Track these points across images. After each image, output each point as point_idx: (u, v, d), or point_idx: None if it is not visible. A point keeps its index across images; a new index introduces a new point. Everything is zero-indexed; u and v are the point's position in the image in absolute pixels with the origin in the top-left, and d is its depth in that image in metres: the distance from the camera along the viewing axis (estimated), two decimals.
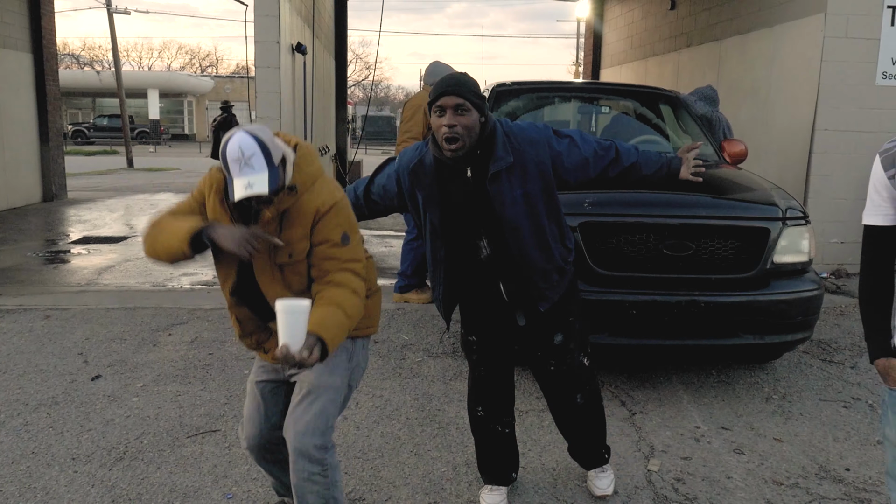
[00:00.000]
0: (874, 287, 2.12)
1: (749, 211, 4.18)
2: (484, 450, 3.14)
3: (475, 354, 3.01)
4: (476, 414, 3.09)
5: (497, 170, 2.61)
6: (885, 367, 2.07)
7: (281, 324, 2.13)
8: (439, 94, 2.53)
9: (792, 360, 5.00)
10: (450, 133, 2.52)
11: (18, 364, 4.60)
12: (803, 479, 3.42)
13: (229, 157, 2.19)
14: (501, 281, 2.81)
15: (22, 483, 3.20)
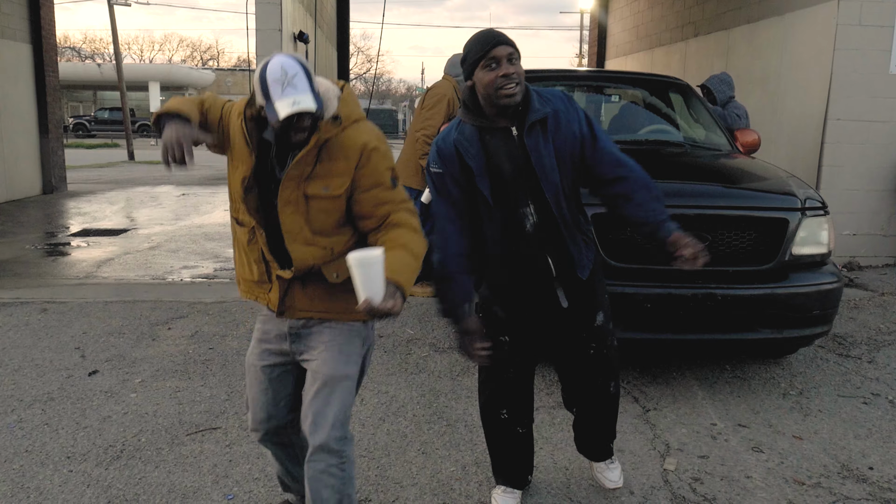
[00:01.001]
0: None
1: (767, 201, 4.05)
2: (502, 452, 2.99)
3: (506, 355, 2.82)
4: (499, 417, 2.91)
5: (534, 119, 2.56)
6: None
7: (358, 278, 2.03)
8: (491, 45, 2.49)
9: (808, 354, 4.87)
10: (508, 82, 2.47)
11: (13, 359, 4.48)
12: (825, 479, 3.29)
13: (270, 77, 2.07)
14: (549, 253, 2.67)
15: (14, 482, 3.08)
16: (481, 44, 2.51)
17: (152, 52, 65.44)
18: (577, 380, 2.98)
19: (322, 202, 2.26)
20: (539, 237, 2.66)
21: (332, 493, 2.33)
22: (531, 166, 2.58)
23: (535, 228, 2.65)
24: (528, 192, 2.61)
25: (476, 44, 2.53)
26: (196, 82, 47.31)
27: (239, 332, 5.05)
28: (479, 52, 2.51)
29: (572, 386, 3.03)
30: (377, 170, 2.27)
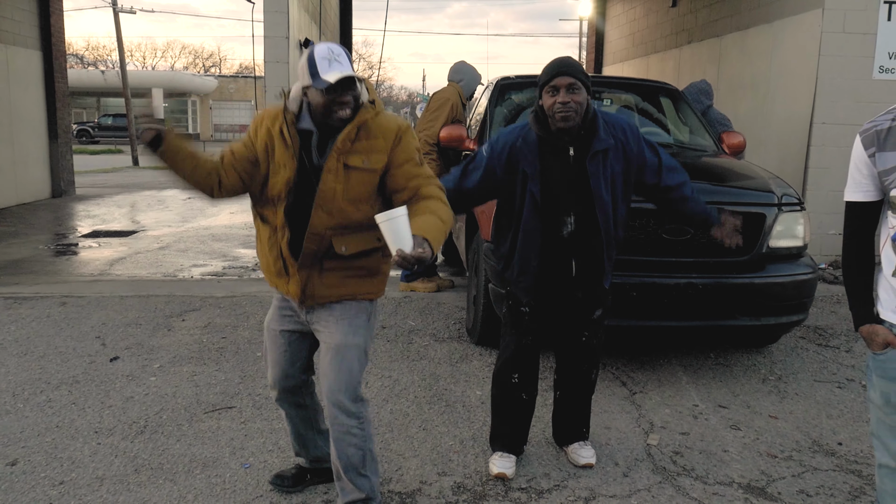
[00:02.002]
0: (857, 259, 2.26)
1: (746, 197, 4.32)
2: (505, 417, 3.31)
3: (525, 324, 3.18)
4: (511, 381, 3.25)
5: (599, 149, 2.93)
6: (870, 332, 2.21)
7: (387, 233, 2.27)
8: (554, 74, 2.86)
9: (788, 344, 5.13)
10: (563, 110, 2.84)
11: (38, 346, 4.75)
12: (797, 453, 3.56)
13: (318, 55, 2.41)
14: (574, 258, 3.06)
15: (48, 453, 3.35)
16: (548, 71, 2.91)
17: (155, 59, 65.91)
18: (565, 363, 3.35)
19: (361, 174, 2.53)
20: (571, 243, 3.06)
21: (355, 450, 2.65)
22: (583, 185, 2.96)
23: (570, 236, 3.05)
24: (573, 205, 3.00)
25: (546, 70, 2.93)
26: (199, 89, 47.68)
27: (249, 323, 5.32)
28: (544, 78, 2.91)
29: (561, 368, 3.38)
30: (409, 148, 2.58)
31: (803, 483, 3.27)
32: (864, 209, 2.22)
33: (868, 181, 2.18)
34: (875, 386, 2.24)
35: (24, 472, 3.18)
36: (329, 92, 2.43)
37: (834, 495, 3.17)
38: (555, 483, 3.21)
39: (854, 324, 2.27)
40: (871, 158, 2.14)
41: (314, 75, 2.42)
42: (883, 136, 2.13)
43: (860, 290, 2.26)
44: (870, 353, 2.24)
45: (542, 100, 2.94)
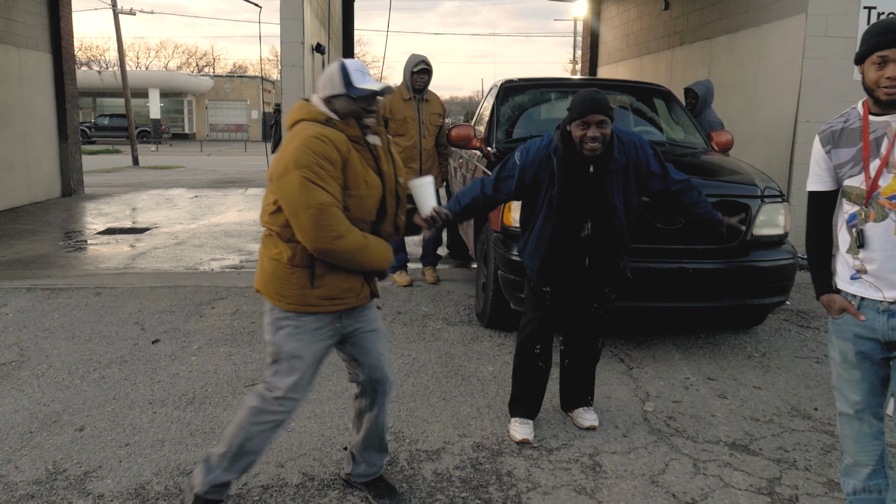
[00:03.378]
0: (818, 240, 2.71)
1: (732, 190, 4.75)
2: (525, 385, 3.74)
3: (547, 301, 3.63)
4: (534, 351, 3.69)
5: (613, 168, 3.38)
6: (828, 300, 2.65)
7: (423, 195, 2.91)
8: (587, 111, 3.21)
9: (773, 325, 5.58)
10: (592, 142, 3.26)
11: (83, 331, 5.16)
12: (777, 417, 3.99)
13: (352, 67, 2.69)
14: (588, 256, 3.53)
15: (111, 421, 3.76)
16: (581, 107, 3.24)
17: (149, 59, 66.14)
18: (574, 333, 3.80)
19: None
20: (586, 244, 3.52)
21: None
22: (601, 198, 3.44)
23: (587, 238, 3.50)
24: (591, 213, 3.48)
25: (579, 104, 3.26)
26: (195, 88, 47.96)
27: None
28: (576, 114, 3.26)
29: (570, 338, 3.82)
30: None
31: (782, 441, 3.70)
32: (823, 197, 2.67)
33: (826, 173, 2.62)
34: (834, 346, 2.69)
35: (93, 436, 3.59)
36: (364, 100, 2.67)
37: (808, 451, 3.60)
38: (562, 442, 3.64)
39: (816, 294, 2.71)
40: (828, 154, 2.59)
41: (348, 84, 2.64)
42: (837, 136, 2.58)
43: (820, 265, 2.71)
44: (829, 318, 2.68)
45: (570, 126, 3.31)
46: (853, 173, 2.57)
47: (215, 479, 2.83)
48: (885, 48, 2.41)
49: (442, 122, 6.63)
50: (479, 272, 5.62)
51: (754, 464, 3.46)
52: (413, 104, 6.38)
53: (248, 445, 2.80)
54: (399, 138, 6.28)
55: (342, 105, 2.68)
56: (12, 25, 12.05)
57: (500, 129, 6.03)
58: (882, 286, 2.52)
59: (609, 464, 3.43)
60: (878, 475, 2.75)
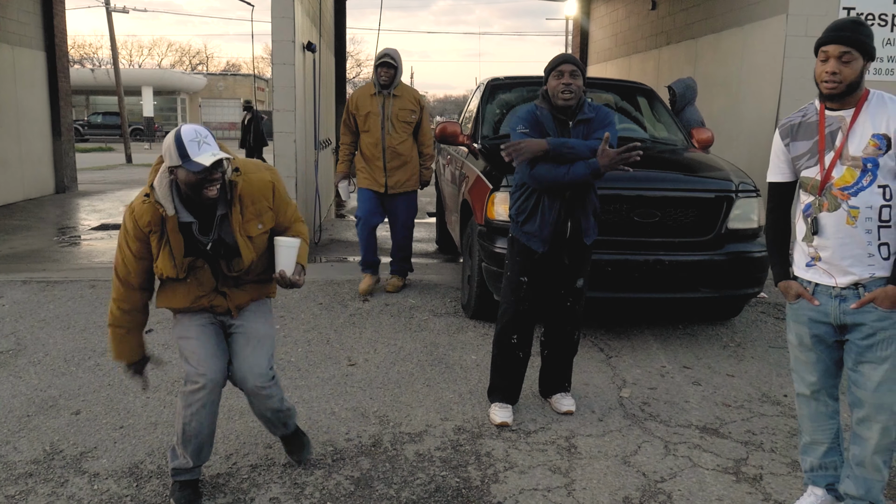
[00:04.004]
0: (776, 229, 2.89)
1: (707, 185, 4.92)
2: (503, 373, 3.89)
3: (523, 292, 3.78)
4: (510, 341, 3.84)
5: (581, 118, 3.65)
6: (786, 286, 2.82)
7: (281, 255, 2.90)
8: (560, 62, 3.60)
9: (749, 318, 5.75)
10: (566, 90, 3.55)
11: (78, 322, 5.29)
12: (748, 403, 4.16)
13: (186, 138, 2.62)
14: (571, 219, 3.68)
15: (106, 405, 3.90)
16: (555, 60, 3.65)
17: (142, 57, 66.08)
18: (552, 326, 3.96)
19: (262, 236, 2.95)
20: (569, 204, 3.66)
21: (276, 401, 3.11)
22: None
23: (570, 197, 3.65)
24: None
25: (553, 59, 3.68)
26: (188, 87, 48.01)
27: None
28: (552, 65, 3.63)
29: (548, 329, 3.98)
30: (283, 193, 3.02)
31: (750, 425, 3.86)
32: (782, 188, 2.84)
33: (785, 165, 2.79)
34: (791, 329, 2.86)
35: (88, 420, 3.74)
36: (201, 173, 2.62)
37: (775, 434, 3.77)
38: (540, 426, 3.80)
39: (774, 280, 2.88)
40: (787, 147, 2.75)
41: (184, 157, 2.60)
42: (795, 129, 2.74)
43: (778, 254, 2.89)
44: (787, 304, 2.84)
45: (547, 84, 3.64)
46: (809, 165, 2.73)
47: (178, 465, 3.03)
48: (827, 44, 2.60)
49: (417, 119, 6.16)
50: (465, 265, 5.78)
51: (722, 446, 3.62)
52: (378, 99, 6.02)
53: (188, 429, 2.95)
54: (365, 134, 6.08)
55: (182, 176, 2.66)
56: (6, 23, 12.15)
57: (485, 125, 6.19)
58: (834, 272, 2.68)
59: (584, 445, 3.59)
60: (833, 452, 2.93)
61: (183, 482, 3.02)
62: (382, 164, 6.07)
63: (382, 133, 6.03)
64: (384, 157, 6.06)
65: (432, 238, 9.32)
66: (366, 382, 4.28)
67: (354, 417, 3.83)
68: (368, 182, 6.15)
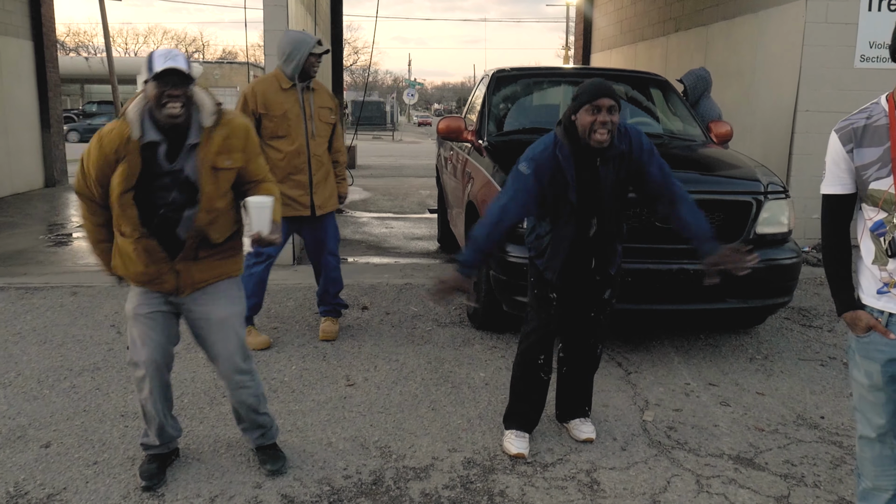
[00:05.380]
0: (837, 249, 2.45)
1: (734, 186, 4.54)
2: (524, 396, 3.55)
3: (553, 309, 3.44)
4: (537, 362, 3.49)
5: (611, 155, 3.18)
6: (853, 318, 2.38)
7: (255, 216, 2.81)
8: (598, 95, 3.03)
9: (774, 325, 5.39)
10: (603, 129, 3.04)
11: (56, 335, 4.93)
12: (782, 426, 3.80)
13: (156, 55, 2.70)
14: (595, 256, 3.37)
15: (80, 436, 3.54)
16: (591, 91, 3.05)
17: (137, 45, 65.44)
18: (573, 339, 3.61)
19: (228, 173, 2.91)
20: (594, 242, 3.35)
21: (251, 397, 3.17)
22: (605, 192, 3.25)
23: (594, 235, 3.33)
24: (597, 209, 3.29)
25: (588, 89, 3.07)
26: None
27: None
28: (586, 97, 3.05)
29: (569, 345, 3.63)
30: (256, 143, 3.03)
31: (788, 454, 3.51)
32: (842, 202, 2.41)
33: (847, 175, 2.36)
34: (858, 366, 2.43)
35: (59, 454, 3.38)
36: (160, 83, 2.67)
37: (817, 464, 3.42)
38: (558, 457, 3.44)
39: (837, 310, 2.45)
40: (850, 154, 2.34)
41: (150, 69, 2.69)
42: (860, 133, 2.31)
43: (841, 278, 2.44)
44: (853, 336, 2.42)
45: (576, 115, 3.10)
46: (880, 176, 2.33)
47: (146, 441, 3.20)
48: None
49: (335, 121, 4.92)
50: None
51: (760, 480, 3.27)
52: (296, 94, 4.62)
53: (146, 410, 3.12)
54: (279, 141, 4.59)
55: (149, 91, 2.71)
56: None
57: (491, 120, 5.80)
58: None
59: (607, 481, 3.24)
60: None
61: (152, 455, 3.20)
62: (308, 176, 4.67)
63: (306, 137, 4.65)
64: (310, 169, 4.68)
65: (433, 235, 8.95)
66: (366, 406, 3.93)
67: (353, 449, 3.48)
68: (285, 207, 4.53)
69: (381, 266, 7.21)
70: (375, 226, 9.70)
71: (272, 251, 4.64)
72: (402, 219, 10.42)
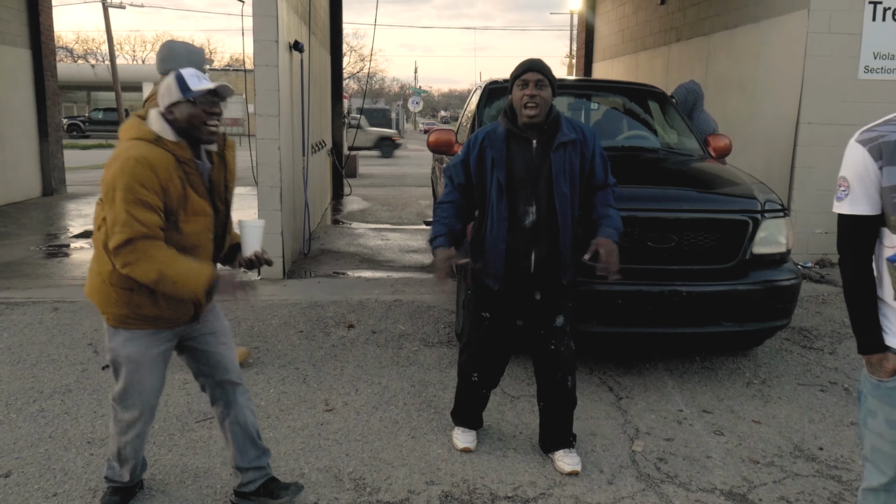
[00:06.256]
0: (861, 281, 2.12)
1: (729, 204, 4.38)
2: (466, 404, 3.63)
3: (485, 329, 3.40)
4: (471, 378, 3.52)
5: (563, 140, 3.19)
6: (880, 360, 2.09)
7: (251, 237, 2.76)
8: (524, 70, 3.15)
9: (773, 346, 5.21)
10: (531, 101, 3.11)
11: (31, 354, 4.79)
12: (778, 458, 3.63)
13: (188, 74, 2.61)
14: (535, 250, 3.23)
15: (42, 465, 3.39)
16: (519, 67, 3.19)
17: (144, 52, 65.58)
18: (540, 373, 3.49)
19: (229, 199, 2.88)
20: (532, 235, 3.24)
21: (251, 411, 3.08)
22: (544, 174, 3.18)
23: (532, 226, 3.22)
24: (534, 195, 3.20)
25: (518, 66, 3.21)
26: None
27: (240, 328, 5.36)
28: (516, 73, 3.19)
29: (539, 379, 3.52)
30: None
31: (784, 489, 3.34)
32: (868, 224, 2.08)
33: (876, 194, 2.04)
34: (878, 412, 2.12)
35: (18, 484, 3.23)
36: (203, 102, 2.60)
37: (814, 501, 3.24)
38: (540, 491, 3.27)
39: (860, 350, 2.14)
40: (880, 171, 2.02)
41: (185, 89, 2.59)
42: (890, 150, 2.02)
43: (867, 314, 2.13)
44: (870, 380, 2.14)
45: (512, 94, 3.21)
46: None
47: (113, 476, 3.04)
48: None
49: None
50: (460, 288, 5.25)
51: None
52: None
53: (123, 452, 2.96)
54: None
55: (182, 112, 2.61)
56: None
57: None
58: None
59: None
60: None
61: (115, 487, 3.06)
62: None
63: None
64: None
65: (428, 248, 8.79)
66: (343, 433, 3.77)
67: (326, 481, 3.32)
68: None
69: (372, 281, 7.06)
70: (371, 237, 9.55)
71: None
72: (399, 230, 10.26)
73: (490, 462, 3.51)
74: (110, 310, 2.74)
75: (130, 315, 2.72)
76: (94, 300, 2.79)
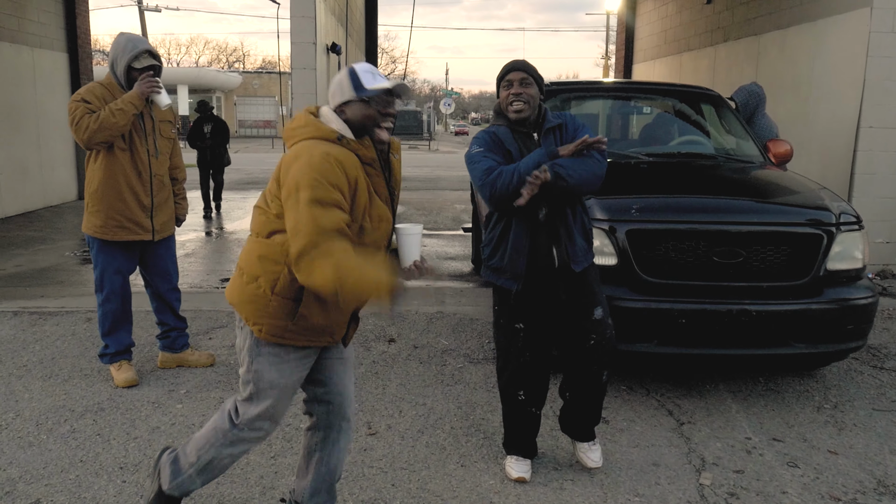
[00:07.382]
0: None
1: (801, 216, 4.08)
2: (517, 428, 3.42)
3: (521, 341, 3.24)
4: (517, 398, 3.34)
5: (548, 127, 3.21)
6: None
7: (410, 245, 2.48)
8: (508, 70, 3.19)
9: (841, 367, 4.88)
10: (516, 100, 3.13)
11: (63, 368, 4.63)
12: (861, 495, 3.32)
13: (361, 70, 2.45)
14: (555, 246, 3.16)
15: (72, 493, 3.21)
16: (503, 69, 3.23)
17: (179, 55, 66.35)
18: (575, 366, 3.30)
19: None
20: (548, 228, 3.17)
21: None
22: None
23: (546, 218, 3.16)
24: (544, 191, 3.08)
25: (502, 68, 3.25)
26: (223, 85, 47.80)
27: None
28: (500, 75, 3.23)
29: (570, 372, 3.35)
30: None
31: None
32: None
33: None
34: None
35: None
36: (378, 101, 2.43)
37: None
38: None
39: None
40: None
41: (359, 87, 2.42)
42: None
43: None
44: None
45: (499, 97, 3.25)
46: None
47: (182, 485, 2.73)
48: None
49: (175, 136, 4.50)
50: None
51: None
52: None
53: (216, 464, 2.68)
54: (122, 154, 4.13)
55: (355, 112, 2.43)
56: (25, 24, 11.65)
57: None
58: None
59: None
60: None
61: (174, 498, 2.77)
62: (150, 199, 4.27)
63: (148, 157, 4.21)
64: (151, 190, 4.27)
65: (467, 255, 8.56)
66: (388, 461, 3.54)
67: None
68: (122, 230, 4.23)
69: (411, 290, 6.82)
70: None
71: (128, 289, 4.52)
72: (436, 236, 10.03)
73: (547, 495, 3.25)
74: (265, 321, 2.47)
75: (290, 327, 2.46)
76: (244, 310, 2.50)
